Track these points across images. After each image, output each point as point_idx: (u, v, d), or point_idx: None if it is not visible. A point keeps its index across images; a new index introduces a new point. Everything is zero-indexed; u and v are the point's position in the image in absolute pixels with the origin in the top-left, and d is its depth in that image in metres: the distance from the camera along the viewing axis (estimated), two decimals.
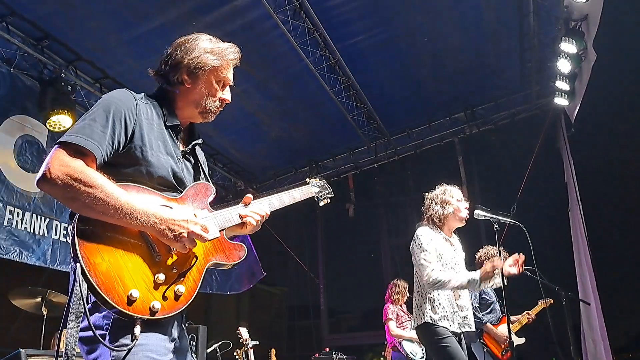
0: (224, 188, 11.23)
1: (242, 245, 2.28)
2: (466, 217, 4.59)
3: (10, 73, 6.99)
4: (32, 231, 6.87)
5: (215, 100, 2.34)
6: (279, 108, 9.49)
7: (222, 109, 2.41)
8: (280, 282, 17.96)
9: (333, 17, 7.70)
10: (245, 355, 7.00)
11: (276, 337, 16.59)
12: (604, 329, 8.06)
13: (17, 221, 6.71)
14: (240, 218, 2.34)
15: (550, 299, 6.70)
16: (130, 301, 1.82)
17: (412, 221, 13.57)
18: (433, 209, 4.61)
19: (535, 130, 10.03)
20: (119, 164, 2.06)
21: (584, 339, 8.70)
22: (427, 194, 4.77)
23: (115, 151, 2.03)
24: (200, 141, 2.44)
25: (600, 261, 8.62)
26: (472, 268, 4.91)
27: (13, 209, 6.67)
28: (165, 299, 1.93)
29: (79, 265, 1.78)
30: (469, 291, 4.68)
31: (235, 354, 7.09)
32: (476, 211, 4.53)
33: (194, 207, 2.19)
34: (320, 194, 3.11)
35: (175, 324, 2.11)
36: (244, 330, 7.07)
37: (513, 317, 6.67)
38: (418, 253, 4.38)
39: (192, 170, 2.36)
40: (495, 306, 6.48)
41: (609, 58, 8.16)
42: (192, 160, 2.39)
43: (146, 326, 1.89)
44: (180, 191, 2.19)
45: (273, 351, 8.39)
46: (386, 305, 8.03)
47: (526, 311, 6.86)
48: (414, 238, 4.53)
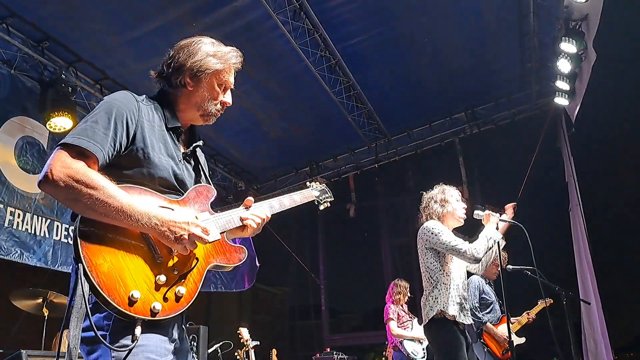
0: (224, 188, 11.22)
1: (243, 247, 2.29)
2: (464, 217, 4.60)
3: (11, 74, 7.01)
4: (33, 232, 6.88)
5: (216, 103, 2.35)
6: (280, 108, 9.51)
7: (223, 111, 2.41)
8: (281, 283, 17.93)
9: (333, 18, 7.71)
10: (246, 356, 7.00)
11: (277, 337, 16.56)
12: (605, 329, 8.06)
13: (18, 222, 6.71)
14: (241, 221, 2.34)
15: (550, 299, 6.69)
16: (132, 302, 1.83)
17: (413, 221, 13.63)
18: (432, 207, 4.60)
19: (535, 130, 10.04)
20: (120, 166, 2.06)
21: (585, 338, 8.70)
22: (425, 193, 4.76)
23: (117, 153, 2.04)
24: (201, 143, 2.44)
25: (600, 260, 8.64)
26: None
27: (14, 210, 6.68)
28: (166, 300, 1.93)
29: (80, 266, 1.79)
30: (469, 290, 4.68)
31: (236, 354, 7.10)
32: (475, 211, 4.54)
33: (196, 210, 2.20)
34: (321, 197, 3.12)
35: (175, 325, 2.11)
36: (244, 331, 7.07)
37: (513, 318, 6.66)
38: (440, 240, 4.32)
39: (193, 172, 2.37)
40: (495, 306, 6.48)
41: (609, 58, 8.16)
42: (193, 162, 2.40)
43: (147, 327, 1.90)
44: (182, 193, 2.20)
45: (274, 351, 8.40)
46: (387, 305, 8.04)
47: (526, 311, 6.86)
48: (424, 232, 4.47)
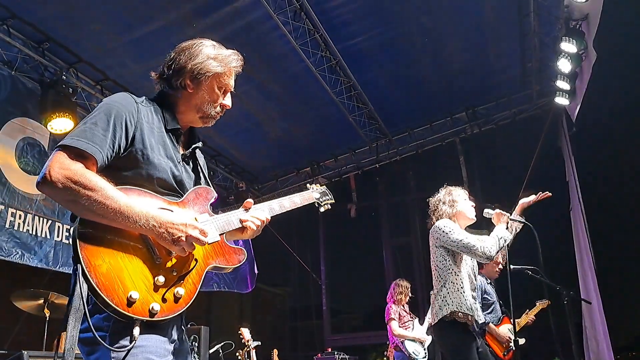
0: (225, 189, 11.21)
1: (242, 249, 2.29)
2: (474, 215, 4.58)
3: (12, 75, 7.01)
4: (34, 233, 6.88)
5: (216, 106, 2.35)
6: (280, 109, 9.51)
7: (222, 114, 2.41)
8: (282, 283, 17.97)
9: (333, 18, 7.71)
10: (247, 356, 7.00)
11: (278, 338, 16.59)
12: (606, 328, 8.06)
13: (19, 223, 6.72)
14: (241, 222, 2.34)
15: (547, 300, 6.71)
16: (130, 302, 1.83)
17: (414, 221, 13.71)
18: (442, 209, 4.55)
19: (536, 130, 10.03)
20: (119, 167, 2.07)
21: (586, 338, 8.70)
22: (431, 198, 4.71)
23: (116, 154, 2.04)
24: (201, 144, 2.45)
25: (601, 260, 8.63)
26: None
27: (15, 211, 6.68)
28: (164, 301, 1.94)
29: (79, 267, 1.80)
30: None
31: (238, 354, 7.10)
32: (485, 210, 4.51)
33: (195, 211, 2.20)
34: (321, 199, 3.09)
35: (175, 326, 2.12)
36: (246, 331, 7.08)
37: None
38: (451, 238, 4.27)
39: (192, 173, 2.37)
40: (495, 306, 6.47)
41: (609, 57, 8.17)
42: (192, 163, 2.40)
43: (146, 328, 1.90)
44: (181, 194, 2.20)
45: (275, 351, 8.41)
46: (388, 305, 8.03)
47: (525, 312, 6.86)
48: (435, 230, 4.43)
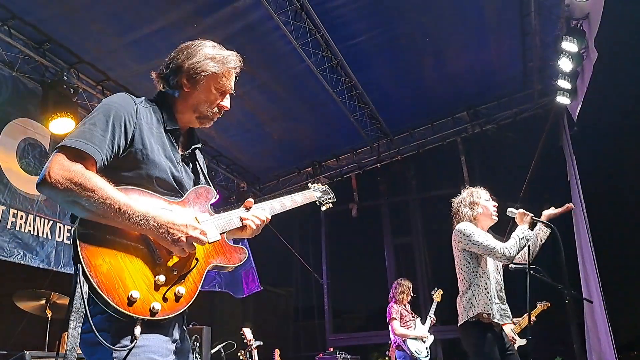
0: (226, 189, 11.22)
1: (243, 248, 2.29)
2: (496, 215, 4.59)
3: (12, 76, 7.02)
4: (36, 234, 6.89)
5: (213, 107, 2.33)
6: (281, 109, 9.51)
7: (221, 115, 2.40)
8: (284, 283, 17.96)
9: (334, 18, 7.71)
10: (249, 356, 7.02)
11: (280, 338, 16.55)
12: (608, 327, 8.04)
13: (21, 224, 6.73)
14: (241, 221, 2.34)
15: (547, 302, 6.73)
16: (131, 302, 1.84)
17: (415, 221, 13.71)
18: (462, 212, 4.58)
19: (537, 129, 10.04)
20: (119, 168, 2.06)
21: (589, 337, 8.69)
22: (454, 199, 4.75)
23: (115, 155, 2.04)
24: (200, 145, 2.45)
25: (603, 259, 8.61)
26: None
27: (16, 211, 6.69)
28: (165, 300, 1.94)
29: (80, 267, 1.81)
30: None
31: (240, 354, 7.11)
32: (509, 209, 4.52)
33: (195, 211, 2.21)
34: (322, 198, 3.07)
35: (176, 325, 2.12)
36: (247, 331, 7.09)
37: (515, 319, 6.65)
38: (472, 241, 4.29)
39: (192, 173, 2.37)
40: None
41: (610, 56, 8.16)
42: (192, 164, 2.40)
43: (147, 327, 1.90)
44: (181, 194, 2.20)
45: (277, 352, 8.42)
46: (390, 305, 8.01)
47: (525, 313, 6.84)
48: (456, 234, 4.45)
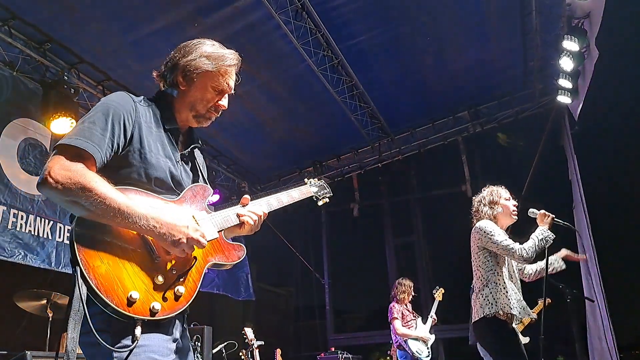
0: (227, 189, 11.21)
1: (241, 245, 2.29)
2: (516, 214, 4.60)
3: (13, 76, 7.00)
4: (36, 234, 6.89)
5: (209, 106, 2.32)
6: (282, 109, 9.50)
7: (219, 115, 2.38)
8: (285, 283, 17.99)
9: (335, 18, 7.70)
10: (250, 356, 7.01)
11: (282, 337, 16.55)
12: (609, 326, 8.03)
13: (21, 224, 6.73)
14: (238, 217, 2.34)
15: (548, 299, 6.70)
16: (130, 302, 1.83)
17: (417, 220, 13.70)
18: (482, 211, 4.61)
19: (538, 128, 10.03)
20: (117, 167, 2.06)
21: (590, 336, 8.68)
22: (475, 197, 4.79)
23: (114, 154, 2.04)
24: (200, 145, 2.44)
25: (604, 258, 8.60)
26: None
27: (17, 212, 6.69)
28: (165, 299, 1.94)
29: (78, 269, 1.80)
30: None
31: (241, 354, 7.11)
32: (530, 209, 4.53)
33: (192, 209, 2.20)
34: (319, 193, 3.07)
35: (176, 324, 2.11)
36: (249, 331, 7.08)
37: None
38: (492, 240, 4.29)
39: (191, 173, 2.36)
40: None
41: (612, 55, 8.14)
42: (191, 163, 2.39)
43: (147, 327, 1.90)
44: (179, 194, 2.20)
45: (278, 351, 8.41)
46: (391, 304, 8.01)
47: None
48: (476, 231, 4.45)
